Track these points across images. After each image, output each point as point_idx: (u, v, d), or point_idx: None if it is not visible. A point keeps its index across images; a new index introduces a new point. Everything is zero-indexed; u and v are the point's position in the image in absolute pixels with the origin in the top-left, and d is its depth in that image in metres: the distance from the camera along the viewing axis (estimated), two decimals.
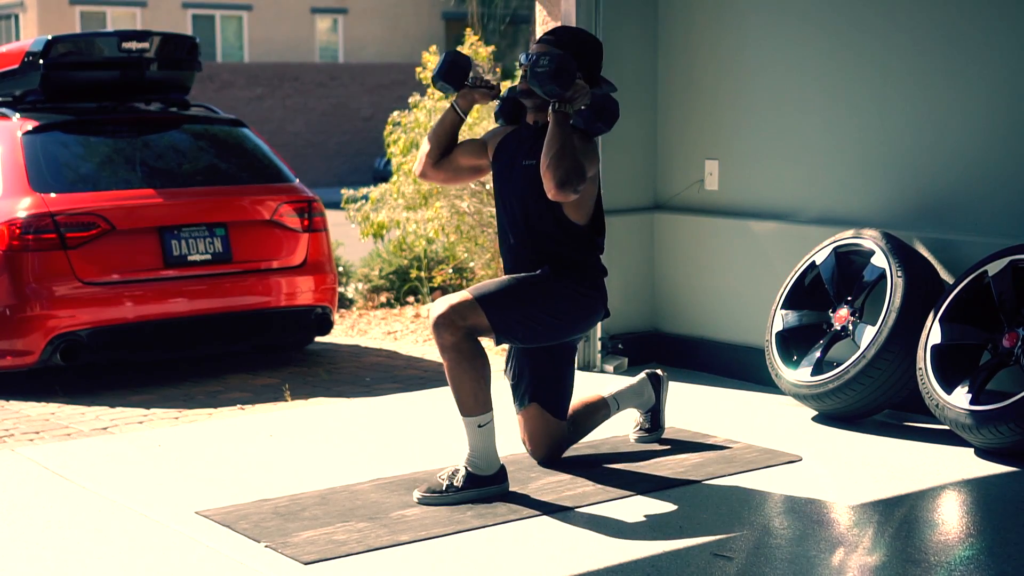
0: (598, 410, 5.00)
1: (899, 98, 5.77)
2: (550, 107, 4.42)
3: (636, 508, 4.40)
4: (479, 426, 4.43)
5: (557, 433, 4.83)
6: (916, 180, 5.73)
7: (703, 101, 6.56)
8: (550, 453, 4.84)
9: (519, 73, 4.83)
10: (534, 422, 4.81)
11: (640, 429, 5.17)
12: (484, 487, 4.45)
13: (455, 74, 4.73)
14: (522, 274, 4.61)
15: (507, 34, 25.13)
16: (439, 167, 4.82)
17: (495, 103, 4.95)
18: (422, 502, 4.42)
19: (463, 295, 4.42)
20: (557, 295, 4.57)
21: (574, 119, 4.51)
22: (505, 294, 4.48)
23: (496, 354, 7.57)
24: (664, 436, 5.21)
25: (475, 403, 4.41)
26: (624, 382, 5.12)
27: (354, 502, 4.47)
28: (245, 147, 7.84)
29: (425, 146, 4.82)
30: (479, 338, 4.42)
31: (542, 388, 4.77)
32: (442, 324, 4.35)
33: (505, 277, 4.61)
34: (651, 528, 4.19)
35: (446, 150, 4.81)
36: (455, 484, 4.43)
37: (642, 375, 5.14)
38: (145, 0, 29.82)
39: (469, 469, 4.45)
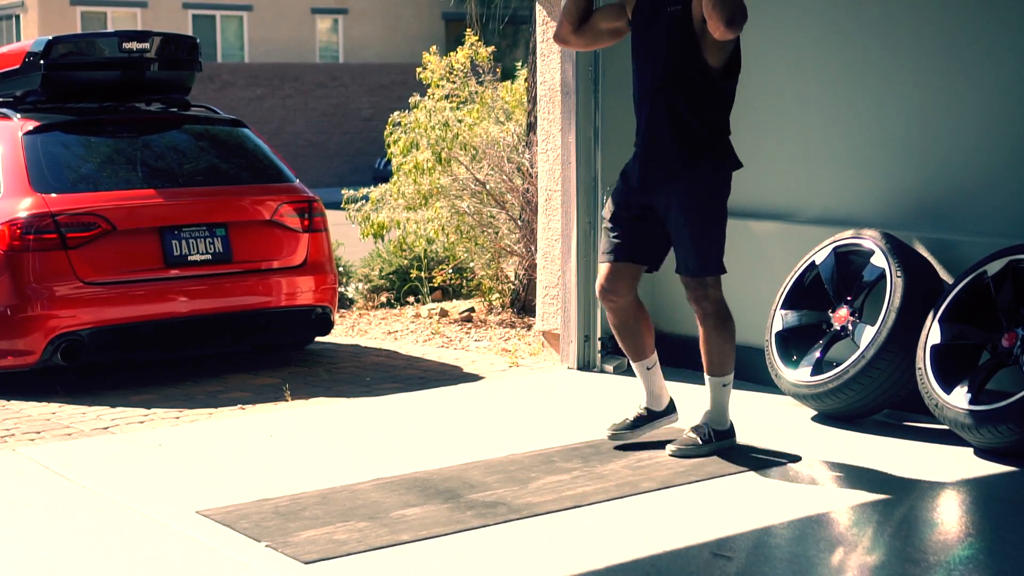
0: (651, 334, 5.19)
1: (899, 98, 5.77)
2: None
3: (636, 508, 4.40)
4: (723, 385, 4.99)
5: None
6: (916, 180, 5.73)
7: None
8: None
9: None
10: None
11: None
12: (724, 440, 5.00)
13: None
14: (683, 209, 4.86)
15: (507, 34, 25.12)
16: (579, 33, 5.09)
17: None
18: (676, 454, 4.95)
19: (692, 280, 4.94)
20: (718, 197, 4.92)
21: None
22: (710, 245, 4.89)
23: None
24: (665, 437, 5.21)
25: (724, 364, 4.97)
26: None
27: (354, 502, 4.48)
28: (245, 147, 7.84)
29: (564, 13, 5.04)
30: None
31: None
32: (695, 300, 4.97)
33: (692, 220, 4.86)
34: (651, 528, 4.19)
35: (584, 15, 5.05)
36: (705, 439, 4.98)
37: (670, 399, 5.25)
38: (146, 1, 29.84)
39: (712, 426, 5.00)
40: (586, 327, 6.55)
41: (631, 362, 5.20)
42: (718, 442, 4.99)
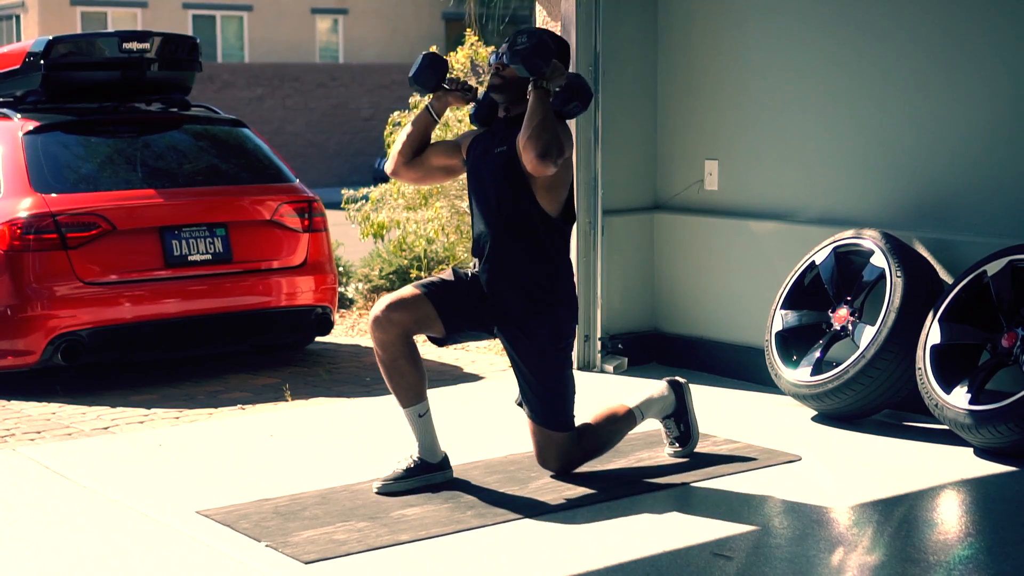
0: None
1: (899, 98, 5.77)
2: (530, 85, 4.44)
3: (636, 508, 4.40)
4: (649, 418, 4.90)
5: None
6: (916, 180, 5.74)
7: (703, 101, 6.56)
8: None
9: (486, 78, 4.84)
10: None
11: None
12: (690, 419, 4.98)
13: (429, 76, 4.74)
14: (526, 356, 4.63)
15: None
16: (411, 166, 4.82)
17: (470, 106, 4.89)
18: (676, 455, 4.95)
19: (539, 430, 4.65)
20: (560, 353, 4.66)
21: (552, 98, 4.50)
22: (554, 399, 4.63)
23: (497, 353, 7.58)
24: (664, 437, 5.20)
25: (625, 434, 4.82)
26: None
27: (354, 502, 4.48)
28: (245, 147, 7.84)
29: (397, 145, 4.81)
30: None
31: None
32: (537, 450, 4.70)
33: (546, 383, 4.63)
34: (651, 528, 4.19)
35: (418, 150, 4.81)
36: (683, 437, 4.97)
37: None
38: (146, 1, 29.83)
39: (687, 426, 4.98)
40: (586, 327, 6.55)
41: (401, 407, 4.63)
42: (694, 436, 4.96)
